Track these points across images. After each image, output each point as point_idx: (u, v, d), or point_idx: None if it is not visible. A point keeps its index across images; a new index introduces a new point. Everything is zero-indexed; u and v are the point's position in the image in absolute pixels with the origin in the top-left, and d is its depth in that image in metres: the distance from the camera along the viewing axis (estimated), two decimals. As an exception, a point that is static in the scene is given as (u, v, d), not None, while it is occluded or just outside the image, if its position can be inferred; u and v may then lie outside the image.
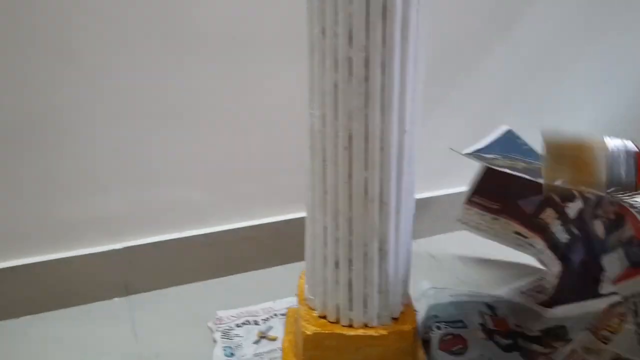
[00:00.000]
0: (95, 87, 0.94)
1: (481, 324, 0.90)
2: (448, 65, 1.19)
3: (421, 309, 0.93)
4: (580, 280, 0.90)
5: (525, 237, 1.05)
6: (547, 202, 0.96)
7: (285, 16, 1.00)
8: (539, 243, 1.01)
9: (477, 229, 1.10)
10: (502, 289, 0.94)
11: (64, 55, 0.90)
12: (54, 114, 0.93)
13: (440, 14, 1.13)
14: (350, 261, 0.72)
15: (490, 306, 0.94)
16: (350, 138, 0.66)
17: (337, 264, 0.73)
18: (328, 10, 0.62)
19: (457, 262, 1.21)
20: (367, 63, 0.62)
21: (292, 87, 1.03)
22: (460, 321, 0.91)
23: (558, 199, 0.91)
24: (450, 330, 0.87)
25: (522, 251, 1.08)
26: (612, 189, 0.59)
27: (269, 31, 1.01)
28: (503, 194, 1.04)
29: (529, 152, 1.02)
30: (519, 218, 1.05)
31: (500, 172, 0.89)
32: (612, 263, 0.84)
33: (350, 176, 0.68)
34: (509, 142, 1.06)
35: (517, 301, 0.93)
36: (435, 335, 0.86)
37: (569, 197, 0.88)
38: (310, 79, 0.67)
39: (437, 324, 0.89)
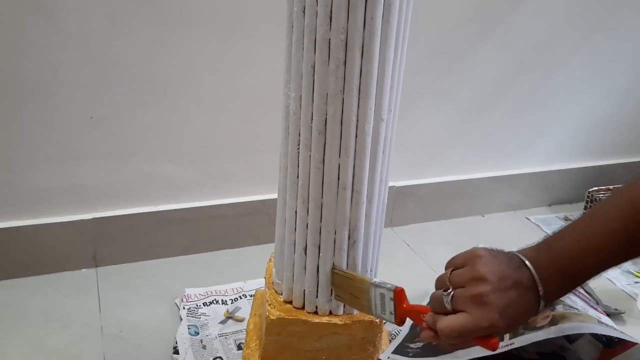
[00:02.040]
0: (75, 55, 0.91)
1: None
2: (436, 56, 1.17)
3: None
4: None
5: None
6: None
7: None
8: None
9: None
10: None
11: (44, 20, 0.87)
12: (31, 78, 0.90)
13: (432, 3, 1.10)
14: (318, 248, 0.70)
15: None
16: (325, 123, 0.64)
17: (305, 250, 0.71)
18: (309, -12, 0.59)
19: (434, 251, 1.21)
20: (346, 45, 0.60)
21: (275, 67, 1.01)
22: None
23: None
24: None
25: None
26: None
27: (254, 9, 0.98)
28: None
29: None
30: None
31: None
32: (584, 347, 0.83)
33: (323, 162, 0.66)
34: None
35: None
36: None
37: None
38: (287, 59, 0.65)
39: None
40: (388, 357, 0.83)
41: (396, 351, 0.84)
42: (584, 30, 1.28)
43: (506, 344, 0.76)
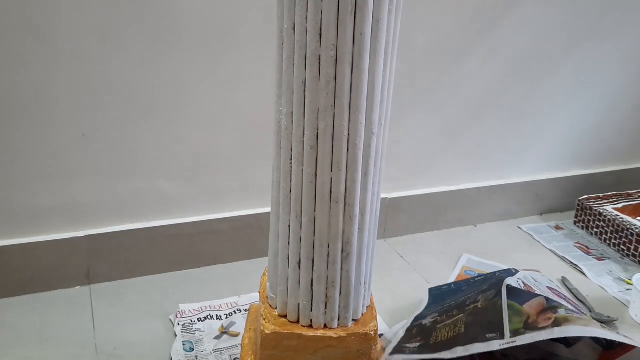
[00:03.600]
0: (65, 73, 0.91)
1: None
2: (425, 68, 1.18)
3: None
4: None
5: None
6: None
7: (261, 9, 0.98)
8: None
9: None
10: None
11: (34, 37, 0.88)
12: (22, 97, 0.90)
13: (420, 16, 1.12)
14: (312, 261, 0.71)
15: None
16: (317, 138, 0.65)
17: (299, 264, 0.71)
18: (299, 6, 0.60)
19: (427, 262, 1.21)
20: (336, 62, 0.61)
21: (266, 82, 1.02)
22: None
23: None
24: None
25: None
26: None
27: (243, 25, 0.99)
28: None
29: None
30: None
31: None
32: (583, 351, 0.84)
33: (315, 176, 0.67)
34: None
35: None
36: None
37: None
38: (278, 75, 0.66)
39: None
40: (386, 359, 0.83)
41: (394, 352, 0.85)
42: (569, 41, 1.30)
43: (507, 342, 0.77)
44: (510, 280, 0.90)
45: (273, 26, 0.65)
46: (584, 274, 1.19)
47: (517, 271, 0.97)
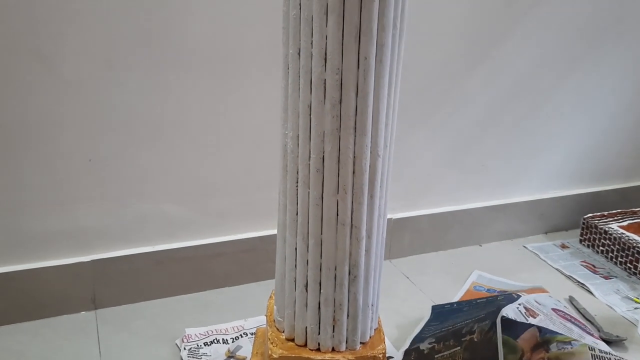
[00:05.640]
0: (72, 99, 0.92)
1: None
2: (429, 89, 1.19)
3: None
4: None
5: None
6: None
7: (266, 35, 0.99)
8: None
9: None
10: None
11: (40, 65, 0.89)
12: (29, 123, 0.91)
13: (424, 37, 1.13)
14: (319, 284, 0.70)
15: None
16: (323, 160, 0.65)
17: (306, 287, 0.71)
18: (303, 31, 0.61)
19: (434, 282, 1.21)
20: (341, 85, 0.62)
21: (270, 105, 1.03)
22: None
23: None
24: None
25: None
26: None
27: (249, 50, 1.00)
28: None
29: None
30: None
31: None
32: None
33: (321, 199, 0.67)
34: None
35: None
36: None
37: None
38: (284, 99, 0.67)
39: None
40: None
41: None
42: (571, 60, 1.31)
43: None
44: (508, 310, 0.89)
45: (277, 51, 0.66)
46: (591, 292, 1.19)
47: (519, 296, 0.97)
